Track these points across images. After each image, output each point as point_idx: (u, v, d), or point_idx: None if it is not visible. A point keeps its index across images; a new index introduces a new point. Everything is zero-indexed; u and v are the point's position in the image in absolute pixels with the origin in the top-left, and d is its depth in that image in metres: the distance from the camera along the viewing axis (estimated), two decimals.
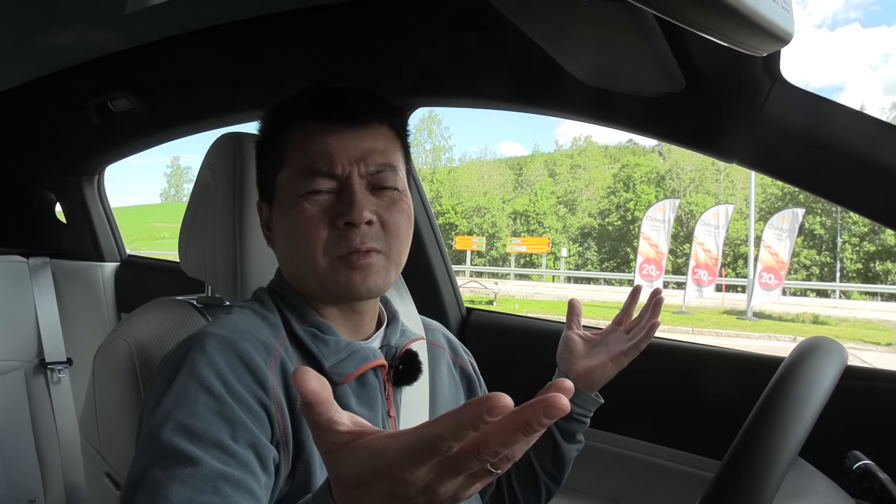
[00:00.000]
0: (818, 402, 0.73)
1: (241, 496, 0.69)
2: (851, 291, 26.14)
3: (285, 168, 0.86)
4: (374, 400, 0.86)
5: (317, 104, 0.86)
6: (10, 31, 1.71)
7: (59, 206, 2.37)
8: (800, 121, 1.07)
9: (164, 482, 0.66)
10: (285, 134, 0.87)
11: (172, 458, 0.68)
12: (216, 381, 0.73)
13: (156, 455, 0.68)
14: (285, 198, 0.85)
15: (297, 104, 0.88)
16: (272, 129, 0.90)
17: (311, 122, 0.85)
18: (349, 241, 0.81)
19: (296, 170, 0.84)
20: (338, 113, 0.84)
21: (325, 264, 0.82)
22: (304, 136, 0.85)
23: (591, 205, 43.31)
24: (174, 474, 0.66)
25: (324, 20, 1.52)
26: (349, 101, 0.86)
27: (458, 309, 1.69)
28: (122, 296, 2.27)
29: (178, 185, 67.17)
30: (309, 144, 0.84)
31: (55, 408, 2.09)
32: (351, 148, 0.84)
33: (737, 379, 1.27)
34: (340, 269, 0.82)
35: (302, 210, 0.82)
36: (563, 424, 1.03)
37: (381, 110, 0.87)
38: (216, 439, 0.70)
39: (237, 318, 0.83)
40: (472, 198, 45.01)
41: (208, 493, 0.66)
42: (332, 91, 0.87)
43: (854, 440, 0.94)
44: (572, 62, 1.15)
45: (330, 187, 0.83)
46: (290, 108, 0.88)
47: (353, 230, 0.81)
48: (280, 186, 0.86)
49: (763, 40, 0.75)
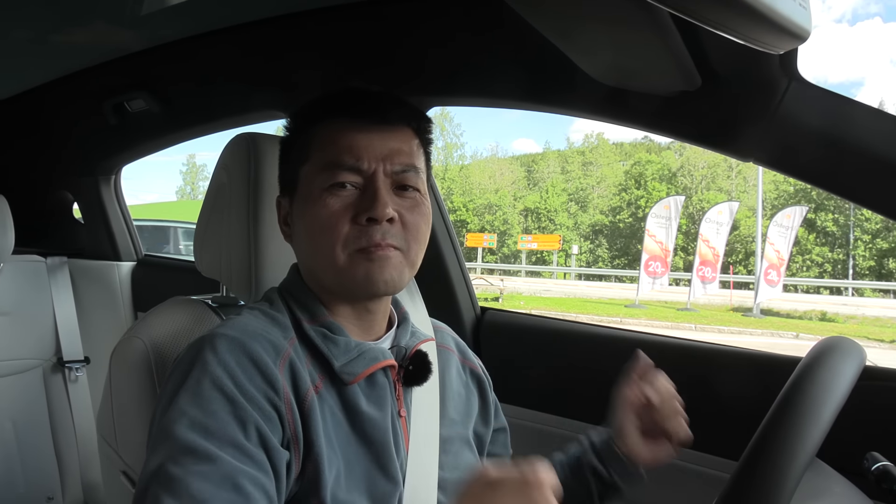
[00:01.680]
0: (836, 403, 0.73)
1: (259, 494, 0.69)
2: (864, 289, 25.90)
3: (310, 162, 0.86)
4: (384, 400, 0.86)
5: (346, 102, 0.87)
6: (29, 31, 1.73)
7: (76, 206, 2.39)
8: (817, 119, 1.06)
9: (182, 477, 0.66)
10: (312, 130, 0.88)
11: (189, 454, 0.68)
12: (228, 381, 0.74)
13: (172, 451, 0.69)
14: (308, 191, 0.86)
15: (327, 102, 0.89)
16: (299, 126, 0.91)
17: (339, 118, 0.86)
18: (370, 236, 0.82)
19: (321, 163, 0.85)
20: (367, 112, 0.86)
21: (345, 258, 0.83)
22: (331, 131, 0.86)
23: (603, 202, 43.11)
24: (193, 470, 0.67)
25: (338, 20, 1.52)
26: (379, 102, 0.87)
27: (472, 308, 1.69)
28: (138, 295, 2.29)
29: (193, 182, 67.46)
30: (336, 139, 0.85)
31: (73, 406, 2.11)
32: (378, 146, 0.85)
33: (753, 379, 1.26)
34: (359, 262, 0.83)
35: (325, 204, 0.83)
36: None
37: (408, 114, 0.89)
38: (232, 438, 0.71)
39: (246, 319, 0.84)
40: (484, 195, 44.92)
41: (228, 490, 0.67)
42: (361, 91, 0.89)
43: (872, 441, 0.93)
44: (587, 61, 1.14)
45: (354, 182, 0.84)
46: (319, 106, 0.89)
47: (374, 226, 0.82)
48: (303, 180, 0.87)
49: (780, 38, 0.74)
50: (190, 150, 71.97)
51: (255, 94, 1.75)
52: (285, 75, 1.67)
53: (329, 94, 0.90)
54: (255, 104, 1.76)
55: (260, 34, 1.65)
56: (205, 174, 61.73)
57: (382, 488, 0.82)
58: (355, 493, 0.79)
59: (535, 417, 1.51)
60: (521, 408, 1.52)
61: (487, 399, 1.06)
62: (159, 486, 0.67)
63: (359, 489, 0.80)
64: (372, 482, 0.81)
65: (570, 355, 1.52)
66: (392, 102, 0.88)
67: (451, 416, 0.97)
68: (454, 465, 0.93)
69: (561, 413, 1.49)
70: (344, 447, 0.80)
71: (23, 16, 1.63)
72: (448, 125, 51.58)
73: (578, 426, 1.45)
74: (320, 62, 1.59)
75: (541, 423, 1.51)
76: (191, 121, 1.96)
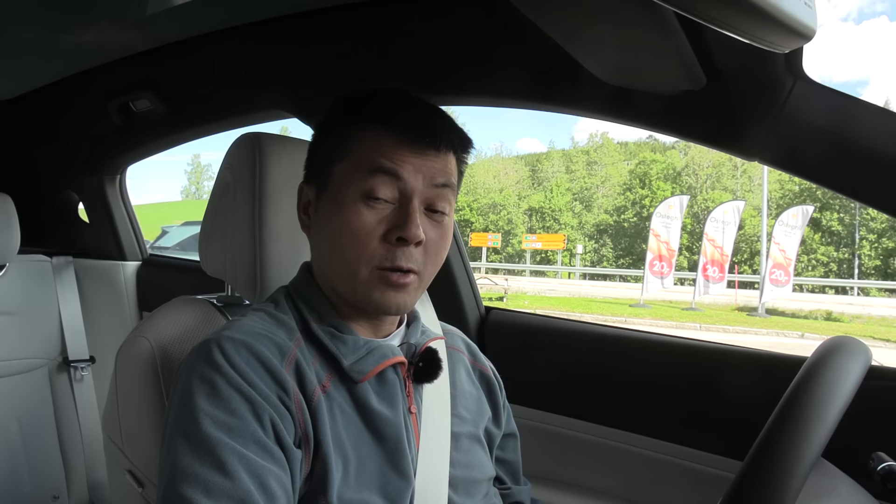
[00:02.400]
0: (841, 403, 0.73)
1: (281, 493, 0.71)
2: (870, 288, 25.81)
3: (347, 160, 0.84)
4: (395, 397, 0.86)
5: (400, 113, 0.85)
6: (34, 32, 1.74)
7: (81, 206, 2.40)
8: (822, 118, 1.06)
9: (211, 477, 0.67)
10: (353, 127, 0.85)
11: (216, 452, 0.69)
12: (243, 381, 0.74)
13: (198, 451, 0.69)
14: (340, 191, 0.84)
15: (378, 104, 0.86)
16: (339, 118, 0.88)
17: (386, 125, 0.84)
18: (394, 258, 0.82)
19: (359, 164, 0.83)
20: (419, 131, 0.84)
21: (366, 274, 0.82)
22: (377, 135, 0.84)
23: (607, 201, 43.08)
24: (222, 468, 0.68)
25: (344, 19, 1.52)
26: (430, 123, 0.85)
27: (476, 308, 1.69)
28: (143, 294, 2.30)
29: (198, 182, 67.60)
30: (381, 145, 0.83)
31: (78, 405, 2.12)
32: (422, 167, 0.83)
33: (759, 379, 1.26)
34: (376, 284, 0.83)
35: (359, 213, 0.82)
36: None
37: (455, 140, 0.87)
38: (255, 436, 0.72)
39: (250, 321, 0.84)
40: (488, 194, 44.93)
41: (257, 488, 0.68)
42: (416, 104, 0.87)
43: (878, 441, 0.93)
44: (592, 60, 1.14)
45: (390, 196, 0.82)
46: (367, 105, 0.87)
47: (402, 247, 0.82)
48: (336, 178, 0.85)
49: (785, 37, 0.74)
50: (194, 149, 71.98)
51: (260, 94, 1.76)
52: (290, 75, 1.67)
53: (381, 95, 0.88)
54: (260, 104, 1.77)
55: (265, 33, 1.65)
56: (210, 174, 61.82)
57: (395, 485, 0.82)
58: (367, 490, 0.79)
59: (541, 417, 1.51)
60: (526, 408, 1.52)
61: (498, 402, 1.06)
62: (187, 486, 0.67)
63: (371, 486, 0.80)
64: (384, 479, 0.81)
65: (575, 355, 1.52)
66: (444, 126, 0.86)
67: (461, 413, 0.97)
68: (465, 462, 0.93)
69: (566, 413, 1.49)
70: (356, 445, 0.80)
71: (28, 16, 1.63)
72: None
73: (583, 426, 1.45)
74: (325, 61, 1.59)
75: (546, 422, 1.51)
76: (196, 120, 1.97)
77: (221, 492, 0.66)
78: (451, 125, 0.87)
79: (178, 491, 0.68)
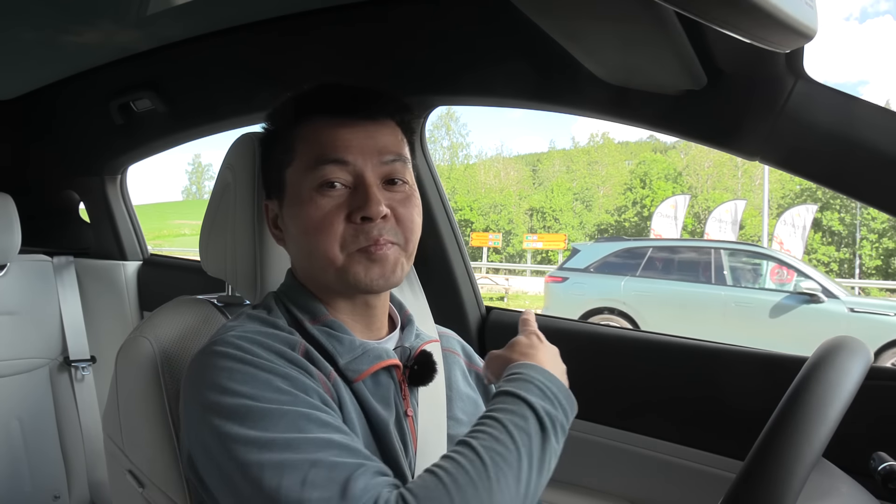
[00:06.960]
0: (842, 403, 0.73)
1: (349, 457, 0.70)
2: (871, 288, 25.77)
3: (295, 162, 0.86)
4: (390, 399, 0.86)
5: (327, 99, 0.87)
6: (35, 32, 1.74)
7: (83, 206, 2.40)
8: (823, 118, 1.06)
9: (297, 451, 0.67)
10: (294, 129, 0.87)
11: (289, 433, 0.69)
12: (272, 364, 0.75)
13: (268, 437, 0.69)
14: (297, 193, 0.85)
15: (307, 100, 0.88)
16: (279, 126, 0.91)
17: (321, 115, 0.86)
18: (367, 234, 0.83)
19: (307, 163, 0.85)
20: (350, 108, 0.86)
21: (343, 258, 0.83)
22: (315, 129, 0.86)
23: (608, 201, 43.04)
24: (303, 437, 0.69)
25: (344, 20, 1.53)
26: (360, 97, 0.87)
27: (477, 307, 1.69)
28: (144, 294, 2.30)
29: (199, 182, 67.61)
30: (320, 136, 0.85)
31: (79, 405, 2.12)
32: (364, 141, 0.85)
33: (759, 379, 1.26)
34: (359, 261, 0.83)
35: (317, 205, 0.83)
36: None
37: (390, 106, 0.89)
38: (308, 402, 0.73)
39: (250, 325, 0.84)
40: (489, 194, 44.89)
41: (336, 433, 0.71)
42: (341, 87, 0.88)
43: (879, 441, 0.93)
44: (592, 60, 1.14)
45: (343, 181, 0.84)
46: (299, 104, 0.89)
47: (369, 224, 0.83)
48: (290, 182, 0.87)
49: (786, 37, 0.74)
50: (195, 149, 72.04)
51: (260, 94, 1.75)
52: (291, 75, 1.67)
53: (308, 92, 0.89)
54: (260, 104, 1.76)
55: (265, 34, 1.65)
56: (210, 173, 61.82)
57: None
58: None
59: None
60: None
61: None
62: (278, 475, 0.66)
63: None
64: None
65: (577, 354, 1.51)
66: (373, 96, 0.88)
67: (458, 416, 0.96)
68: None
69: None
70: (364, 439, 0.81)
71: (29, 16, 1.64)
72: (454, 125, 51.59)
73: (585, 426, 1.45)
74: (325, 62, 1.60)
75: None
76: (196, 120, 1.97)
77: (321, 475, 0.66)
78: (385, 94, 0.89)
79: (281, 485, 0.66)
